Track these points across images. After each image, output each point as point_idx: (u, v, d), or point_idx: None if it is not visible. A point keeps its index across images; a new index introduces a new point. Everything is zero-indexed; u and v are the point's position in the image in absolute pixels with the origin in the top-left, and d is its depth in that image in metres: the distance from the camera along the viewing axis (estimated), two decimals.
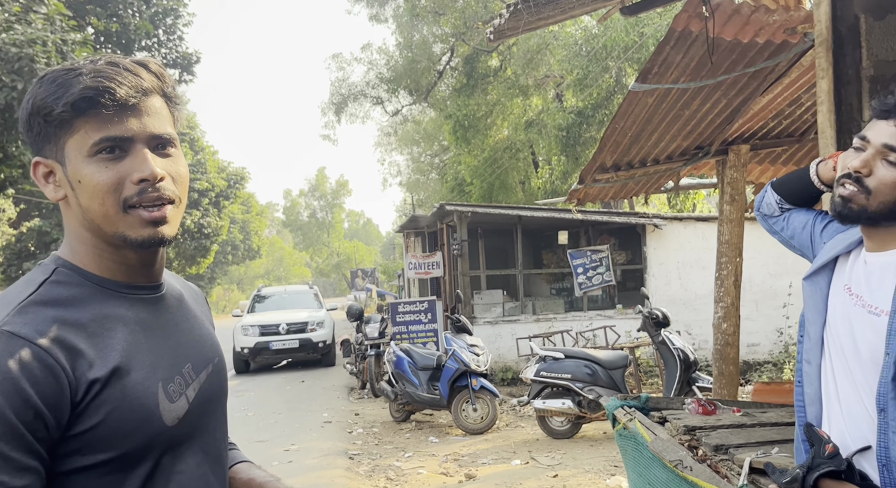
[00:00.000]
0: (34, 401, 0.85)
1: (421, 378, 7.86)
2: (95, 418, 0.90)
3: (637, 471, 2.53)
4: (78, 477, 0.90)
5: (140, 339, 0.99)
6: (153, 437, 0.95)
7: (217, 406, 1.13)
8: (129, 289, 1.02)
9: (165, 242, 1.00)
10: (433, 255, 13.49)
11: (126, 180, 0.96)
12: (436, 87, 18.80)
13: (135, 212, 0.97)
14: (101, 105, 0.94)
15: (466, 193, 23.67)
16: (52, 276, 0.97)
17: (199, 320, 1.16)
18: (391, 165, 53.08)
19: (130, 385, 0.94)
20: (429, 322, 10.86)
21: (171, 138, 1.01)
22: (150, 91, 0.99)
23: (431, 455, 6.54)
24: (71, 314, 0.93)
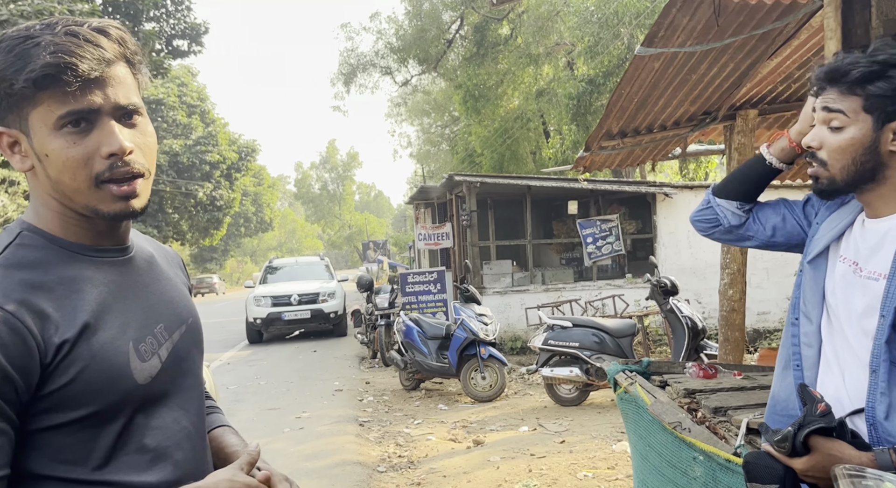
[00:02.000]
0: (2, 365, 0.86)
1: (430, 347, 7.93)
2: (66, 377, 0.91)
3: (637, 434, 2.55)
4: (52, 434, 0.92)
5: (108, 301, 1.00)
6: (125, 395, 0.97)
7: (192, 364, 1.14)
8: (95, 252, 1.03)
9: (136, 215, 1.01)
10: (443, 226, 13.49)
11: (95, 155, 0.95)
12: (445, 57, 18.60)
13: (106, 187, 0.97)
14: (64, 81, 0.92)
15: (477, 164, 23.55)
16: (17, 239, 0.98)
17: (172, 282, 1.17)
18: (401, 137, 52.86)
19: (99, 344, 0.95)
20: (438, 292, 10.91)
21: (136, 107, 1.00)
22: (113, 60, 0.97)
23: (440, 422, 6.63)
24: (37, 276, 0.94)
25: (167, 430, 1.04)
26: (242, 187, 36.66)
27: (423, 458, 5.45)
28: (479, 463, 5.16)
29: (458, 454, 5.47)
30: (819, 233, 1.58)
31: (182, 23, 17.39)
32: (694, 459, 2.11)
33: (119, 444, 0.98)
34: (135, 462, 0.99)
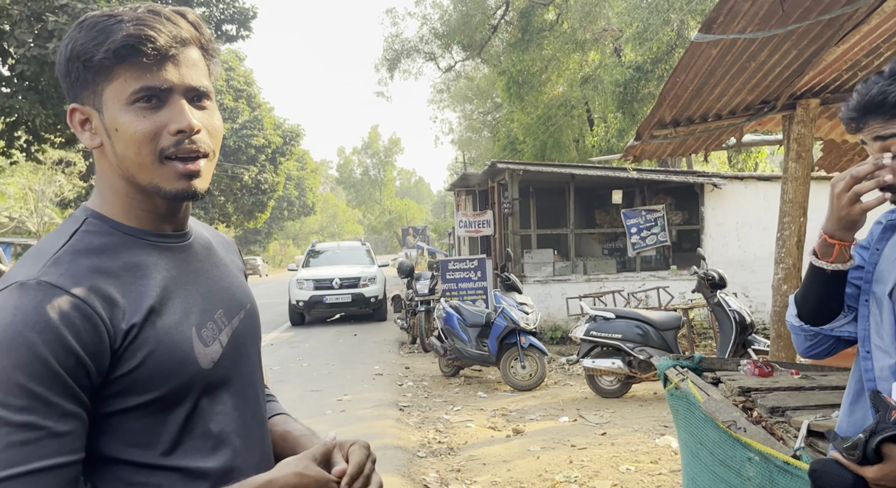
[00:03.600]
0: (76, 350, 0.87)
1: (470, 334, 7.93)
2: (134, 361, 0.93)
3: (688, 431, 2.50)
4: (121, 418, 0.93)
5: (171, 286, 1.01)
6: (190, 379, 0.98)
7: (251, 350, 1.14)
8: (156, 238, 1.04)
9: (197, 196, 1.01)
10: (484, 214, 13.44)
11: (163, 131, 0.96)
12: (490, 42, 18.43)
13: (170, 164, 0.98)
14: (142, 53, 0.94)
15: (519, 151, 23.36)
16: (83, 226, 1.00)
17: (229, 268, 1.17)
18: (443, 123, 52.78)
19: (164, 329, 0.96)
20: (478, 280, 10.91)
21: (207, 91, 1.01)
22: (189, 41, 0.99)
23: (480, 409, 6.64)
24: (104, 263, 0.95)
25: (228, 416, 1.05)
26: (286, 171, 37.14)
27: (462, 445, 5.47)
28: (518, 452, 5.15)
29: (498, 442, 5.47)
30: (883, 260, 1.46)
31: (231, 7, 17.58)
32: (749, 460, 2.06)
33: (185, 429, 0.99)
34: (199, 447, 1.00)
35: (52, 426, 0.85)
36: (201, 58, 1.02)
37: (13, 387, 0.84)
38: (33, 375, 0.84)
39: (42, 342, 0.85)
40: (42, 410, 0.84)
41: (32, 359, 0.84)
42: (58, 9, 11.21)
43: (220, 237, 1.25)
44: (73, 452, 0.87)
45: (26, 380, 0.84)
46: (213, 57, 1.05)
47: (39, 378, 0.84)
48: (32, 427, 0.84)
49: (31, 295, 0.87)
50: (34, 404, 0.84)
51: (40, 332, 0.85)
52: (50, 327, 0.86)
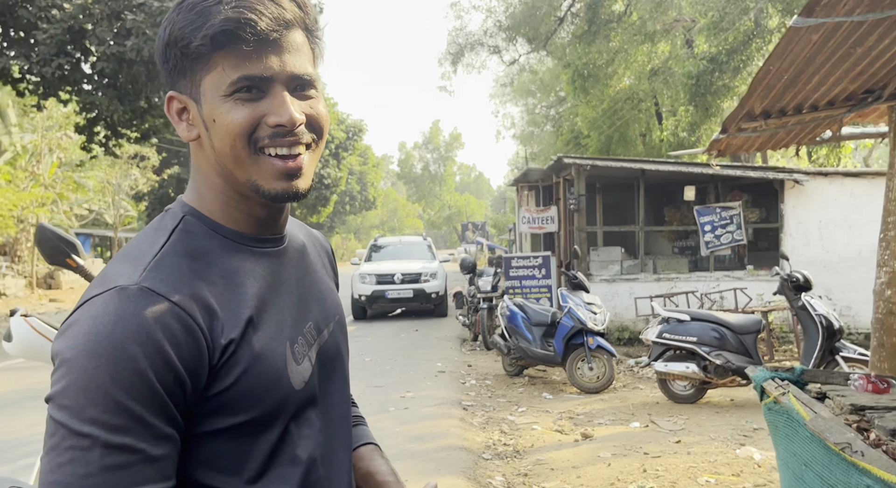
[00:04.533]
0: (175, 365, 0.78)
1: (535, 333, 7.76)
2: (228, 380, 0.84)
3: (790, 451, 2.28)
4: (210, 439, 0.85)
5: (266, 297, 0.91)
6: (283, 401, 0.89)
7: (339, 368, 1.04)
8: (254, 242, 0.94)
9: (299, 196, 0.91)
10: (548, 210, 13.18)
11: (261, 122, 0.87)
12: (555, 35, 18.09)
13: (267, 160, 0.88)
14: (242, 39, 0.84)
15: (583, 146, 22.93)
16: (181, 224, 0.91)
17: (320, 275, 1.07)
18: (505, 117, 52.41)
19: (259, 345, 0.87)
20: (543, 277, 10.70)
21: (312, 79, 0.91)
22: (292, 24, 0.89)
23: (545, 411, 6.46)
24: (203, 268, 0.87)
25: (315, 440, 0.95)
26: (349, 166, 37.62)
27: (528, 448, 5.31)
28: (588, 457, 4.96)
29: (566, 446, 5.29)
30: None
31: None
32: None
33: (274, 455, 0.89)
34: (286, 474, 0.90)
35: (147, 449, 0.76)
36: (306, 41, 0.91)
37: (111, 405, 0.74)
38: (133, 392, 0.75)
39: (143, 355, 0.76)
40: (139, 431, 0.75)
41: (133, 374, 0.75)
42: (136, 7, 11.56)
43: (315, 238, 1.15)
44: (166, 479, 0.78)
45: (125, 398, 0.75)
46: (318, 39, 0.94)
47: (139, 395, 0.76)
48: (128, 449, 0.75)
49: (133, 302, 0.79)
50: (131, 424, 0.75)
51: (142, 345, 0.76)
52: (152, 340, 0.77)
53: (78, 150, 21.75)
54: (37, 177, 23.20)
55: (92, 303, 0.80)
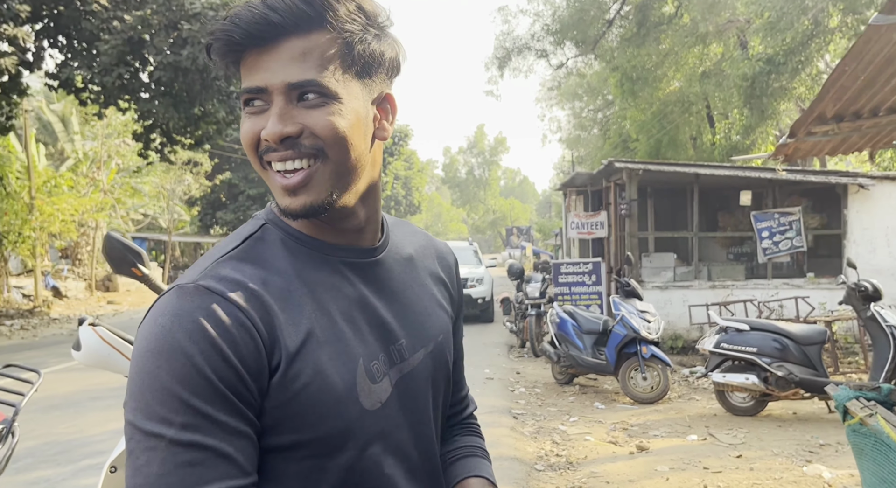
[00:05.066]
0: (232, 361, 0.76)
1: (585, 341, 7.62)
2: (287, 393, 0.79)
3: (879, 476, 2.15)
4: (275, 458, 0.81)
5: (342, 308, 0.86)
6: (351, 422, 0.83)
7: (432, 393, 0.96)
8: (335, 251, 0.89)
9: (311, 212, 0.84)
10: (597, 215, 12.99)
11: (259, 136, 0.83)
12: (603, 38, 17.86)
13: (272, 174, 0.84)
14: (225, 52, 0.82)
15: (631, 150, 22.59)
16: (258, 232, 0.89)
17: (428, 289, 1.00)
18: (551, 121, 52.14)
19: (325, 359, 0.82)
20: (593, 284, 10.53)
21: (311, 84, 0.81)
22: (291, 28, 0.80)
23: (598, 421, 6.33)
24: (269, 274, 0.83)
25: (393, 470, 0.88)
26: (394, 171, 37.91)
27: (582, 460, 5.20)
28: (644, 471, 4.83)
29: (621, 459, 5.16)
30: None
31: None
32: None
33: (345, 482, 0.84)
34: None
35: (217, 445, 0.74)
36: (317, 43, 0.81)
37: (175, 403, 0.74)
38: (195, 389, 0.74)
39: (199, 352, 0.74)
40: (207, 428, 0.74)
41: (191, 371, 0.74)
42: (191, 17, 11.84)
43: (432, 249, 1.07)
44: (244, 475, 0.76)
45: (188, 395, 0.74)
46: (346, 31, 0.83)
47: (201, 392, 0.74)
48: (198, 446, 0.73)
49: (188, 300, 0.77)
50: (198, 421, 0.74)
51: (197, 342, 0.75)
52: (207, 336, 0.75)
53: (135, 157, 22.46)
54: (97, 182, 24.02)
55: (156, 304, 0.80)
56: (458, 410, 1.16)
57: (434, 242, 1.09)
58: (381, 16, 0.88)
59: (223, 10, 11.50)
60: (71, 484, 4.62)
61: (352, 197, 0.87)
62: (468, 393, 1.19)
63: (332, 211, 0.85)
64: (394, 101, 0.92)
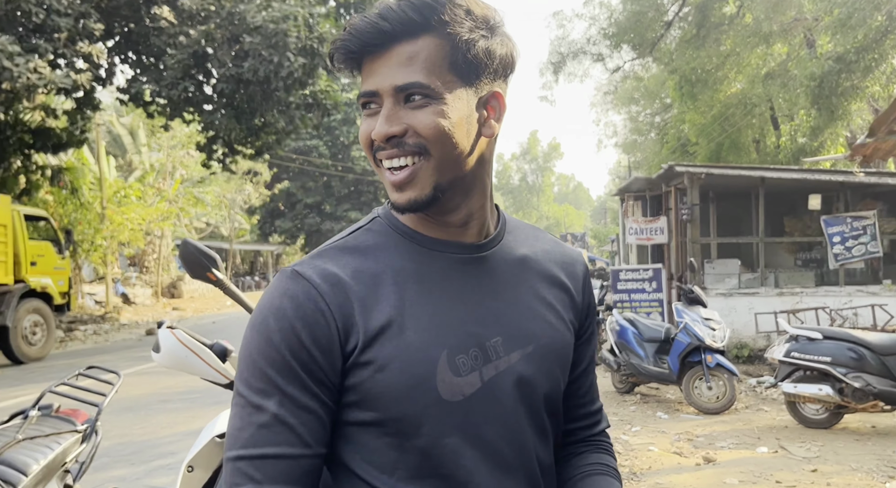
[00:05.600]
0: (304, 342, 0.85)
1: (647, 350, 7.45)
2: (364, 373, 0.86)
3: None
4: (358, 432, 0.89)
5: (433, 299, 0.90)
6: (426, 408, 0.87)
7: (529, 399, 0.94)
8: (438, 246, 0.93)
9: (415, 207, 0.89)
10: (656, 220, 12.73)
11: (370, 137, 0.90)
12: (661, 40, 17.55)
13: (384, 171, 0.91)
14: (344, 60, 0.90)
15: (690, 154, 22.08)
16: (368, 224, 0.97)
17: (537, 292, 0.99)
18: (607, 126, 51.47)
19: (405, 346, 0.87)
20: (653, 291, 10.31)
21: (416, 86, 0.85)
22: (397, 35, 0.85)
23: (661, 432, 6.18)
24: (365, 263, 0.90)
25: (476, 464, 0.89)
26: None
27: (646, 470, 5.08)
28: (712, 483, 4.68)
29: (686, 470, 5.02)
30: None
31: None
32: None
33: (424, 464, 0.88)
34: None
35: (283, 414, 0.84)
36: (429, 45, 0.86)
37: (256, 370, 0.86)
38: (270, 361, 0.85)
39: (278, 330, 0.85)
40: (276, 396, 0.84)
41: (269, 345, 0.85)
42: (253, 30, 12.17)
43: (562, 255, 1.06)
44: (305, 446, 0.85)
45: (265, 365, 0.85)
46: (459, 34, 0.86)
47: (274, 364, 0.85)
48: (266, 411, 0.84)
49: (282, 282, 0.88)
50: (270, 389, 0.84)
51: (278, 321, 0.85)
52: (285, 317, 0.85)
53: (198, 167, 23.22)
54: (162, 193, 24.94)
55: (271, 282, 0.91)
56: (589, 425, 1.13)
57: (563, 249, 1.08)
58: (491, 17, 0.91)
59: (282, 23, 11.78)
60: (144, 484, 4.78)
61: (455, 193, 0.91)
62: (601, 409, 1.15)
63: (436, 206, 0.90)
64: (503, 100, 0.94)
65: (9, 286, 11.21)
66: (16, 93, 11.05)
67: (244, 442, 0.84)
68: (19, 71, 10.57)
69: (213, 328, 16.11)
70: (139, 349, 12.93)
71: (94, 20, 12.39)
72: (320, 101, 15.10)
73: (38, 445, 2.42)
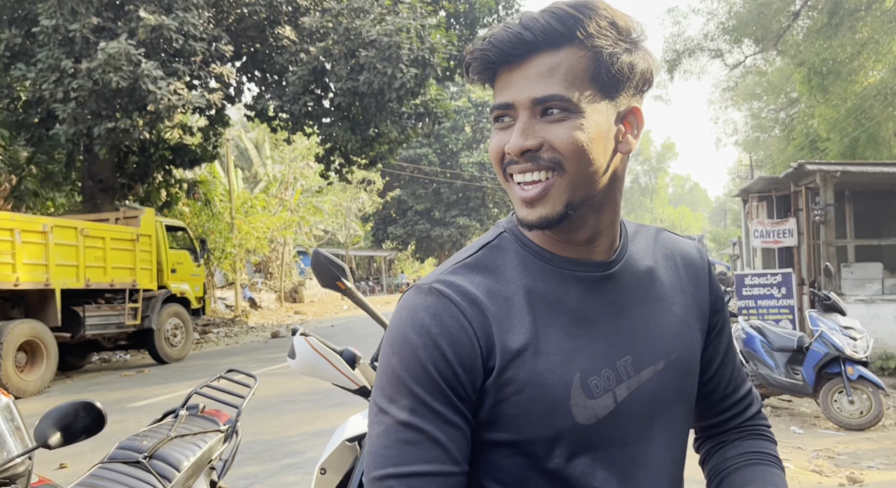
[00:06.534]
0: (451, 361, 0.84)
1: (777, 359, 7.01)
2: (500, 395, 0.85)
3: None
4: (491, 451, 0.88)
5: (565, 321, 0.88)
6: (560, 432, 0.85)
7: (663, 412, 0.93)
8: (567, 264, 0.91)
9: (547, 223, 0.86)
10: (785, 222, 11.95)
11: (503, 150, 0.88)
12: (787, 32, 16.51)
13: (514, 186, 0.88)
14: (480, 71, 0.88)
15: (821, 151, 20.63)
16: (495, 240, 0.94)
17: (664, 304, 0.97)
18: (726, 123, 49.11)
19: (539, 369, 0.85)
20: (782, 297, 9.67)
21: (555, 99, 0.83)
22: (542, 45, 0.83)
23: (797, 447, 5.79)
24: (496, 283, 0.89)
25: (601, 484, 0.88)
26: None
27: None
28: None
29: None
30: None
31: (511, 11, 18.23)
32: None
33: (552, 486, 0.87)
34: None
35: (432, 431, 0.83)
36: (570, 58, 0.83)
37: (400, 386, 0.84)
38: (416, 378, 0.84)
39: (422, 346, 0.84)
40: (424, 414, 0.83)
41: (414, 361, 0.84)
42: (368, 44, 12.60)
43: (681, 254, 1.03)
44: (454, 463, 0.84)
45: (410, 382, 0.84)
46: (601, 48, 0.84)
47: (421, 381, 0.84)
48: (415, 428, 0.83)
49: (421, 298, 0.87)
50: (416, 406, 0.83)
51: (421, 337, 0.84)
52: (430, 333, 0.84)
53: (317, 178, 24.31)
54: (284, 202, 26.31)
55: (401, 299, 0.90)
56: (738, 412, 1.10)
57: (680, 246, 1.05)
58: (634, 30, 0.88)
59: (395, 36, 12.12)
60: (275, 481, 5.05)
61: (587, 210, 0.88)
62: (750, 392, 1.11)
63: (566, 223, 0.87)
64: (641, 115, 0.91)
65: (154, 291, 12.23)
66: (158, 113, 12.06)
67: (393, 460, 0.82)
68: (162, 93, 11.53)
69: (332, 331, 16.78)
70: (266, 351, 13.70)
71: (225, 42, 13.30)
72: (431, 109, 15.40)
73: (187, 443, 2.61)
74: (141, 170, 15.66)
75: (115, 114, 12.12)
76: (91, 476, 2.31)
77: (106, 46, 11.21)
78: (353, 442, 2.46)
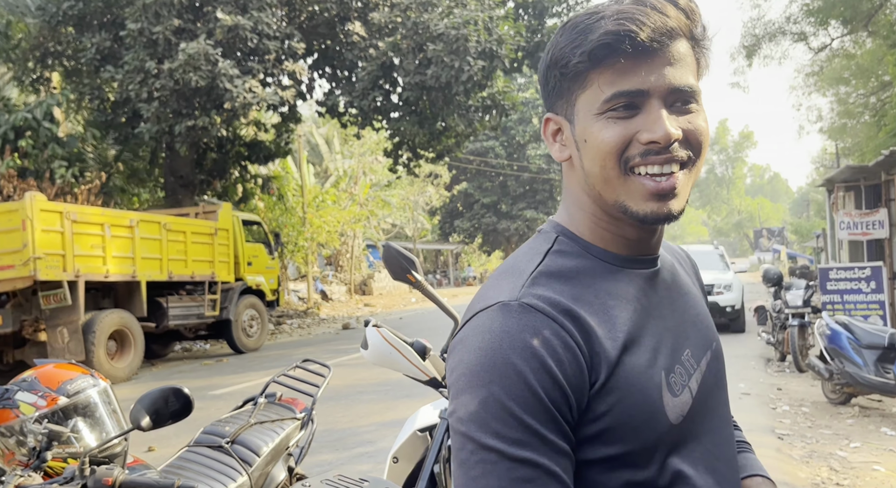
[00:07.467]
0: (560, 381, 0.78)
1: (866, 357, 6.67)
2: (602, 406, 0.81)
3: None
4: (590, 470, 0.82)
5: (640, 321, 0.87)
6: (659, 436, 0.83)
7: (720, 401, 0.96)
8: (626, 263, 0.90)
9: (671, 218, 0.85)
10: (875, 213, 11.32)
11: (633, 140, 0.83)
12: (880, 11, 15.55)
13: (637, 179, 0.84)
14: (620, 52, 0.81)
15: None
16: (555, 245, 0.90)
17: (694, 297, 0.99)
18: (809, 110, 46.98)
19: (635, 373, 0.83)
20: (871, 292, 9.21)
21: (693, 91, 0.84)
22: (676, 33, 0.83)
23: (889, 450, 5.49)
24: (578, 289, 0.85)
25: (700, 482, 0.87)
26: None
27: None
28: None
29: None
30: None
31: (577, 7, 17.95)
32: None
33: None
34: None
35: (547, 464, 0.76)
36: (690, 51, 0.86)
37: (508, 418, 0.76)
38: (527, 407, 0.76)
39: (531, 371, 0.77)
40: (538, 446, 0.76)
41: (524, 388, 0.77)
42: (435, 38, 12.65)
43: (680, 255, 1.07)
44: None
45: (521, 412, 0.76)
46: (705, 49, 0.88)
47: (532, 410, 0.77)
48: (531, 463, 0.76)
49: (516, 318, 0.80)
50: (531, 439, 0.76)
51: (527, 360, 0.77)
52: (536, 355, 0.77)
53: (385, 172, 24.65)
54: (354, 196, 26.80)
55: (478, 319, 0.83)
56: None
57: (675, 248, 1.09)
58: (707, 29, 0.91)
59: (463, 29, 12.12)
60: (348, 470, 5.17)
61: None
62: None
63: None
64: None
65: (231, 284, 12.71)
66: (235, 111, 12.49)
67: None
68: (238, 91, 11.94)
69: (401, 323, 17.01)
70: (337, 342, 14.02)
71: (297, 40, 13.63)
72: (498, 102, 15.33)
73: (266, 429, 2.71)
74: (218, 166, 16.27)
75: (194, 112, 12.64)
76: (179, 458, 2.43)
77: (186, 47, 11.70)
78: (424, 432, 2.50)
